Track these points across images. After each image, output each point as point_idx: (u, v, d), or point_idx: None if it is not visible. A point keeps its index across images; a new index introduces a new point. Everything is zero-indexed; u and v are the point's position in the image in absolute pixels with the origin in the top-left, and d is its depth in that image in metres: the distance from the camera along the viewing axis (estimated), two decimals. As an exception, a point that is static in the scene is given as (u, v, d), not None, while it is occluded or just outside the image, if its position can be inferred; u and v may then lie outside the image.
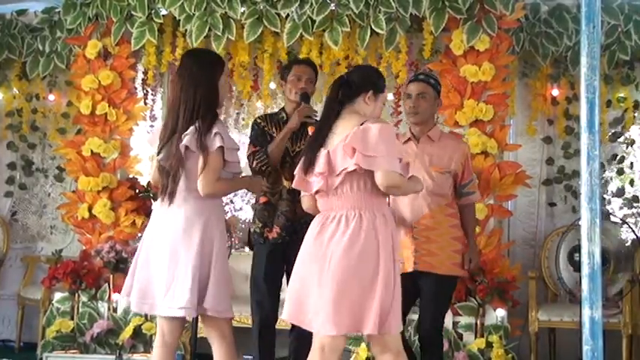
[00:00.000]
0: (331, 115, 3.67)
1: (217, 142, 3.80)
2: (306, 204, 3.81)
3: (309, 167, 3.64)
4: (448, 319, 5.22)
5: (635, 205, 6.39)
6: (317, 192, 3.66)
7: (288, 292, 3.71)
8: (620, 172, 6.40)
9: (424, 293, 4.40)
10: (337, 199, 3.59)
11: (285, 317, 3.69)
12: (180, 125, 3.86)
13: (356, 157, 3.49)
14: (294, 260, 3.91)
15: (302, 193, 3.80)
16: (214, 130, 3.83)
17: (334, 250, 3.50)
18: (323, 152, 3.60)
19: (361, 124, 3.54)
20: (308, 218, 4.57)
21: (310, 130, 4.46)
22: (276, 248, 4.58)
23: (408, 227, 4.41)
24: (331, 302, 3.45)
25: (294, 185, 3.80)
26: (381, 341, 3.57)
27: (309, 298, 3.56)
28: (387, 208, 3.68)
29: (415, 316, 4.64)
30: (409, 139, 4.54)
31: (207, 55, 4.19)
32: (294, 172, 3.76)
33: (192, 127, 3.82)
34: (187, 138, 3.81)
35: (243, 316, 5.42)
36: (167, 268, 3.82)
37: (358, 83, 3.71)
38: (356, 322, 3.48)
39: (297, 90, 4.64)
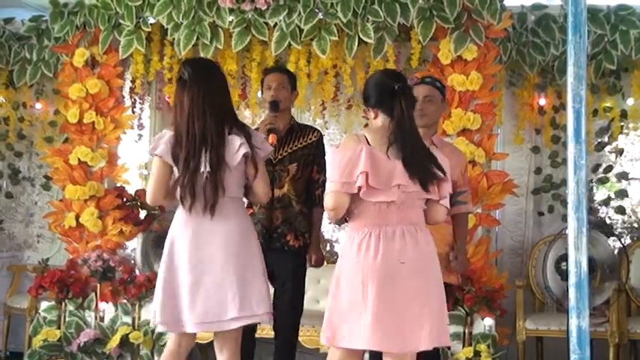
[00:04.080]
0: None
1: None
2: (342, 203, 3.57)
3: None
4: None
5: (621, 214, 6.42)
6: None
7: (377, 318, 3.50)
8: (604, 180, 6.41)
9: None
10: (396, 214, 3.58)
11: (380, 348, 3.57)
12: (212, 133, 3.77)
13: (446, 189, 3.65)
14: (274, 268, 3.95)
15: (340, 190, 3.55)
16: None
17: (412, 270, 3.53)
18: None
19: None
20: (284, 228, 4.58)
21: (271, 139, 4.46)
22: None
23: None
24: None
25: (363, 185, 3.55)
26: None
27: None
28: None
29: None
30: None
31: (217, 63, 4.26)
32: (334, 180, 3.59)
33: (237, 136, 3.78)
34: (245, 146, 3.77)
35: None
36: (236, 281, 3.77)
37: (413, 97, 3.76)
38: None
39: (269, 99, 4.67)
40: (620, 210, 6.39)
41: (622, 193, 6.41)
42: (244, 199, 4.07)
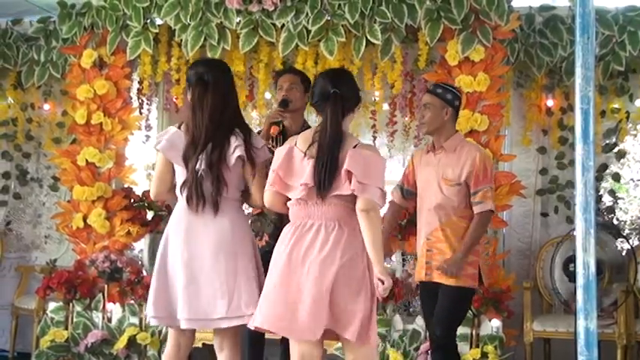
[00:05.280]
0: (339, 130, 3.67)
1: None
2: (272, 200, 3.79)
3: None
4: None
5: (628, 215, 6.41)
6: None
7: (266, 298, 3.70)
8: (599, 178, 6.38)
9: (437, 303, 4.46)
10: (317, 210, 3.65)
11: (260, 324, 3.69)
12: (221, 133, 3.83)
13: (353, 184, 3.55)
14: None
15: (271, 188, 3.76)
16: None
17: (314, 259, 3.59)
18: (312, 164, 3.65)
19: (355, 146, 3.63)
20: None
21: (272, 130, 4.53)
22: (266, 256, 4.59)
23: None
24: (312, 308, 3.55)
25: (273, 184, 3.74)
26: (359, 352, 3.64)
27: (290, 305, 3.60)
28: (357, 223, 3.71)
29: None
30: (429, 150, 4.58)
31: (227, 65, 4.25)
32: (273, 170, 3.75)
33: (236, 137, 3.82)
34: (241, 148, 3.81)
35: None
36: (227, 280, 3.79)
37: (352, 100, 3.76)
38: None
39: (280, 98, 4.74)
40: (627, 211, 6.38)
41: (629, 194, 6.40)
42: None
